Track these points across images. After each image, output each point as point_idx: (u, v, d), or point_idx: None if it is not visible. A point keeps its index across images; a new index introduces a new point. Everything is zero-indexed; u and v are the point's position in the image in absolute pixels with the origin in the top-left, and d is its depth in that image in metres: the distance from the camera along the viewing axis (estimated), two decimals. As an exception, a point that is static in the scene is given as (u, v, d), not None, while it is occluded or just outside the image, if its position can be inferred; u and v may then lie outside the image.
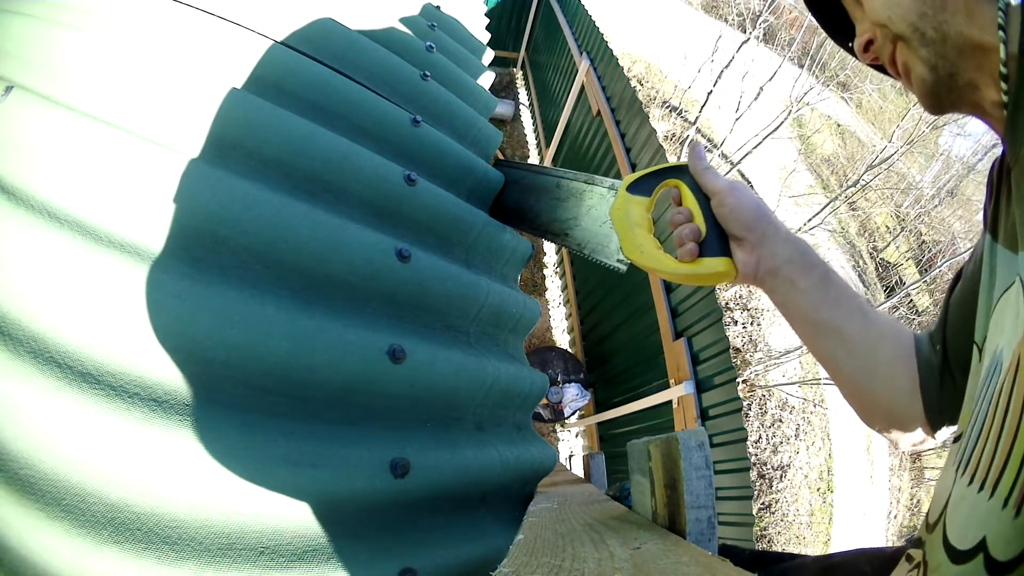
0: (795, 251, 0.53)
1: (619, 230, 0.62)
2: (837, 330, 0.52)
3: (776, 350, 6.67)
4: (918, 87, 0.42)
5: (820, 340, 0.53)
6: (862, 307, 0.52)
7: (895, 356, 0.50)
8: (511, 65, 5.81)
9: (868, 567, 0.55)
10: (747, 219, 0.54)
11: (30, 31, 0.58)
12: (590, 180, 0.80)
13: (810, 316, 0.53)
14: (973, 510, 0.31)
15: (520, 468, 0.80)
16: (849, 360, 0.52)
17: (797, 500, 6.30)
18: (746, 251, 0.54)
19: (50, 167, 0.52)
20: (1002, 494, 0.29)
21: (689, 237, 0.56)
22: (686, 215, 0.57)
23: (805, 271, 0.53)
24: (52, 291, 0.48)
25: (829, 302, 0.52)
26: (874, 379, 0.51)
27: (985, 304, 0.40)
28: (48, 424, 0.45)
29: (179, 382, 0.52)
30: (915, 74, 0.42)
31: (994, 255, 0.39)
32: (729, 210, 0.55)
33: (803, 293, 0.52)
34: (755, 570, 0.67)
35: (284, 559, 0.52)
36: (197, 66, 0.70)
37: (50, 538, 0.44)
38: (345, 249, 0.67)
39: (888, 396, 0.51)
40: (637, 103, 2.59)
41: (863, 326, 0.51)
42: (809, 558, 0.65)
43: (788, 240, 0.54)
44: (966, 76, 0.39)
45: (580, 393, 3.31)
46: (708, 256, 0.55)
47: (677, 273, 0.56)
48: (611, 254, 0.78)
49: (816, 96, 7.42)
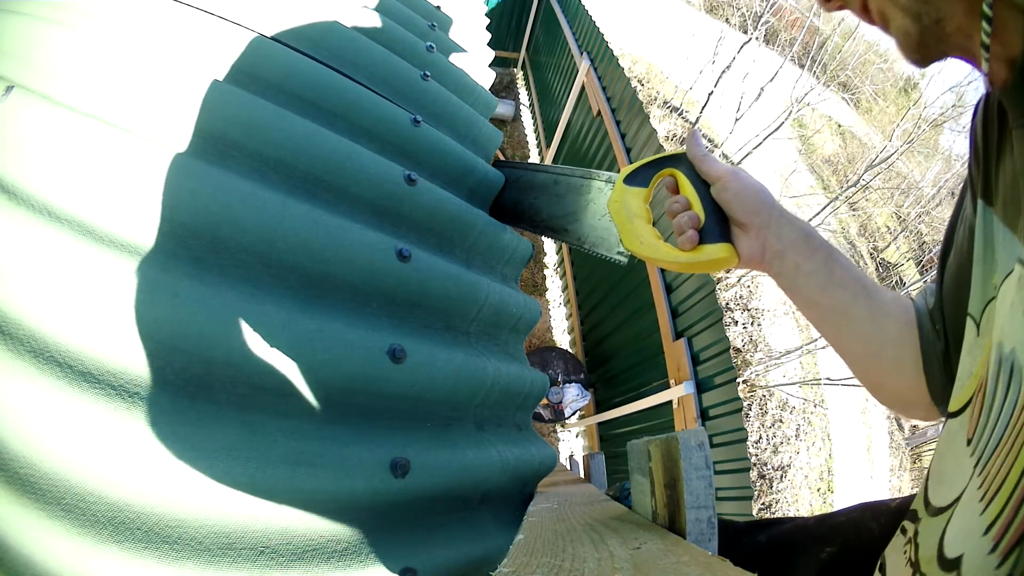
0: (800, 233, 0.53)
1: (618, 222, 0.62)
2: (844, 311, 0.51)
3: (776, 350, 6.66)
4: (901, 40, 0.36)
5: (827, 321, 0.53)
6: (867, 286, 0.52)
7: (900, 334, 0.50)
8: (511, 65, 5.81)
9: (875, 523, 0.55)
10: (752, 203, 0.54)
11: (30, 31, 0.58)
12: (587, 175, 0.81)
13: (817, 298, 0.52)
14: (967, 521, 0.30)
15: (520, 468, 0.80)
16: (857, 340, 0.52)
17: (797, 500, 6.30)
18: (751, 235, 0.54)
19: (50, 167, 0.52)
20: (989, 517, 0.27)
21: (688, 225, 0.55)
22: (683, 203, 0.57)
23: (810, 253, 0.52)
24: (52, 290, 0.48)
25: (835, 283, 0.51)
26: (880, 360, 0.51)
27: (980, 278, 0.38)
28: (48, 424, 0.45)
29: (179, 382, 0.52)
30: (895, 25, 0.36)
31: (990, 225, 0.37)
32: (733, 195, 0.54)
33: (809, 275, 0.52)
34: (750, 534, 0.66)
35: (284, 559, 0.52)
36: (197, 66, 0.69)
37: (50, 538, 0.44)
38: (345, 249, 0.67)
39: (895, 378, 0.51)
40: (638, 103, 2.59)
41: (869, 306, 0.51)
42: (810, 519, 0.64)
43: (792, 223, 0.54)
44: (955, 22, 0.33)
45: (580, 393, 3.31)
46: (709, 243, 0.55)
47: (678, 261, 0.56)
48: (611, 247, 0.78)
49: (817, 96, 7.42)
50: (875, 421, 7.56)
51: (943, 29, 0.34)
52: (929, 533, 0.34)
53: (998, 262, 0.35)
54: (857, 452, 7.11)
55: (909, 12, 0.34)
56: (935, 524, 0.34)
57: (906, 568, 0.37)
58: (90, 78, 0.59)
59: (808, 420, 6.85)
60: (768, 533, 0.65)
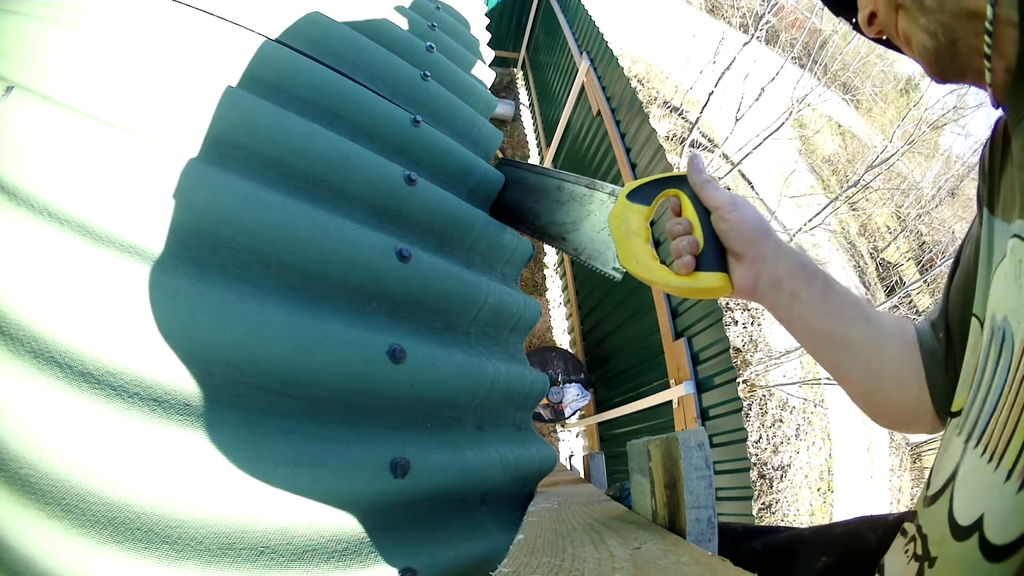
0: (796, 263, 0.53)
1: (616, 238, 0.62)
2: (842, 337, 0.51)
3: (776, 350, 6.67)
4: (921, 55, 0.42)
5: (826, 349, 0.53)
6: (864, 311, 0.52)
7: (901, 355, 0.50)
8: (511, 65, 5.81)
9: (872, 535, 0.55)
10: (748, 235, 0.54)
11: (30, 31, 0.58)
12: (592, 185, 0.80)
13: (814, 326, 0.52)
14: (981, 483, 0.31)
15: (520, 468, 0.80)
16: (856, 366, 0.52)
17: (797, 500, 6.30)
18: (745, 266, 0.54)
19: (51, 167, 0.52)
20: (1006, 466, 0.29)
21: (686, 250, 0.55)
22: (685, 227, 0.57)
23: (807, 282, 0.52)
24: (52, 291, 0.48)
25: (832, 311, 0.52)
26: (882, 381, 0.51)
27: (984, 278, 0.39)
28: (48, 424, 0.45)
29: (179, 382, 0.52)
30: (916, 42, 0.42)
31: (991, 229, 0.39)
32: (730, 225, 0.54)
33: (806, 304, 0.52)
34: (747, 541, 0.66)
35: (284, 559, 0.52)
36: (197, 66, 0.70)
37: (50, 538, 0.44)
38: (345, 249, 0.67)
39: (897, 395, 0.51)
40: (637, 103, 2.59)
41: (867, 330, 0.51)
42: (806, 529, 0.64)
43: (789, 253, 0.54)
44: (966, 42, 0.38)
45: (580, 393, 3.31)
46: (704, 270, 0.55)
47: (671, 285, 0.56)
48: (607, 261, 0.77)
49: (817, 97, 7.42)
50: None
51: (956, 48, 0.39)
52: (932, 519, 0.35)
53: (995, 252, 0.38)
54: (857, 452, 7.11)
55: (927, 31, 0.40)
56: (936, 510, 0.35)
57: (910, 565, 0.37)
58: (90, 78, 0.59)
59: (808, 420, 6.86)
60: (764, 540, 0.65)
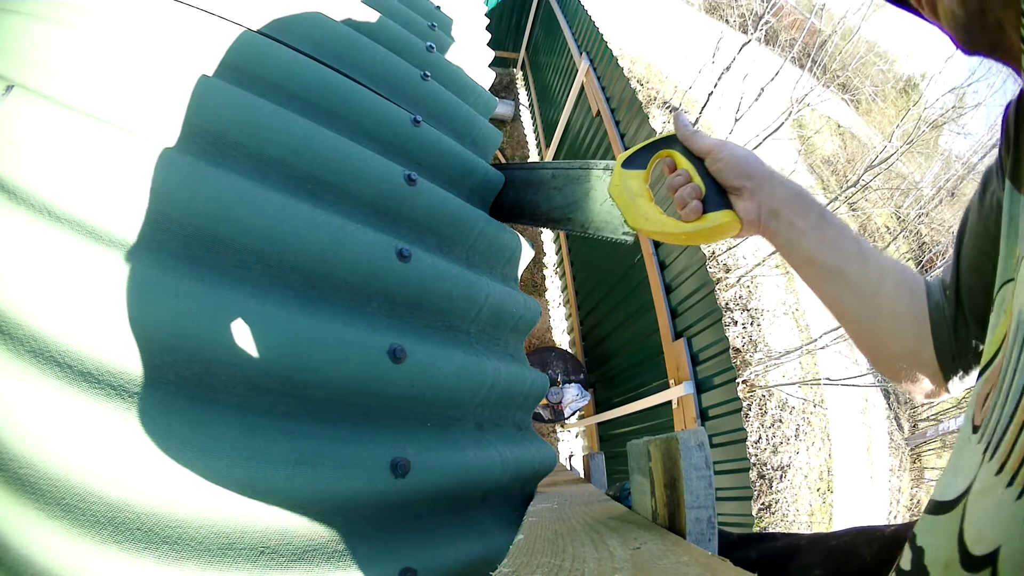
0: (792, 192, 0.55)
1: (621, 204, 0.64)
2: (839, 270, 0.52)
3: (776, 350, 6.66)
4: (948, 21, 0.41)
5: (823, 282, 0.54)
6: (860, 245, 0.53)
7: (897, 296, 0.50)
8: (511, 65, 5.81)
9: (866, 549, 0.55)
10: (743, 168, 0.56)
11: (30, 30, 0.58)
12: (585, 165, 0.83)
13: (812, 256, 0.53)
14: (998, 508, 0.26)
15: (520, 468, 0.80)
16: (852, 301, 0.52)
17: (797, 500, 6.30)
18: (745, 199, 0.56)
19: (50, 167, 0.52)
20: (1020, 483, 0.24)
21: (691, 196, 0.57)
22: (685, 176, 0.59)
23: (803, 211, 0.54)
24: (52, 290, 0.48)
25: (828, 242, 0.52)
26: (877, 320, 0.51)
27: (1004, 255, 0.38)
28: (48, 424, 0.45)
29: (179, 382, 0.52)
30: (943, 6, 0.40)
31: (1016, 205, 0.38)
32: (724, 163, 0.56)
33: (803, 233, 0.53)
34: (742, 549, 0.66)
35: (284, 559, 0.52)
36: (198, 65, 0.69)
37: (50, 538, 0.44)
38: (345, 249, 0.67)
39: (893, 338, 0.51)
40: (637, 103, 2.59)
41: (864, 265, 0.51)
42: (803, 539, 0.64)
43: (783, 183, 0.55)
44: (994, 14, 0.37)
45: (580, 393, 3.31)
46: (711, 211, 0.56)
47: (684, 232, 0.57)
48: (616, 228, 0.79)
49: (817, 97, 7.42)
50: (875, 421, 7.56)
51: (985, 19, 0.37)
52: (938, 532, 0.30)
53: (1021, 235, 0.36)
54: (857, 452, 7.11)
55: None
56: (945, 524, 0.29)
57: None
58: (90, 78, 0.59)
59: (808, 420, 6.85)
60: (759, 549, 0.65)
